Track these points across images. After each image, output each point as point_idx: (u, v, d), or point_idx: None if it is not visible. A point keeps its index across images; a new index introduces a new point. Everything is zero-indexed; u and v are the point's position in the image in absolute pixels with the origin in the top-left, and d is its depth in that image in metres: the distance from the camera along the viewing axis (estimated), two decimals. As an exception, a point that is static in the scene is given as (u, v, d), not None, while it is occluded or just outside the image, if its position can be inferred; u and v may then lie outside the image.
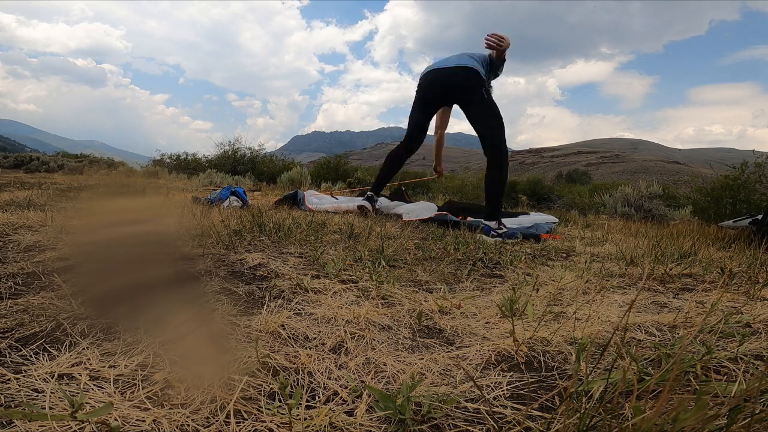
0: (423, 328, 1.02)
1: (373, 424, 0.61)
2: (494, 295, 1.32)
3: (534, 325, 1.01)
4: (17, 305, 0.96)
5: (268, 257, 1.60)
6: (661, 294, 1.43)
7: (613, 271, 1.78)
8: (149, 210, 0.80)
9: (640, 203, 6.81)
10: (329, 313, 1.04)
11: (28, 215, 2.06)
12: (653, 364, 0.81)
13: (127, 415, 0.59)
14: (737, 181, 5.83)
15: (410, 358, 0.84)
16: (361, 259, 1.67)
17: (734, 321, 1.04)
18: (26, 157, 13.31)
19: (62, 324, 0.87)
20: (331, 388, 0.70)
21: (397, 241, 2.10)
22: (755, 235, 2.89)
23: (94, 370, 0.71)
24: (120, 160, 16.33)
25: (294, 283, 1.27)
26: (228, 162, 12.20)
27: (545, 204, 11.14)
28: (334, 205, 3.74)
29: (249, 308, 1.05)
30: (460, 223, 3.08)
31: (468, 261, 1.85)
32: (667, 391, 0.43)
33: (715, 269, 1.80)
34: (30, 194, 3.00)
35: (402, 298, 1.22)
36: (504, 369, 0.82)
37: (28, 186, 4.41)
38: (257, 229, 2.06)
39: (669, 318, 1.11)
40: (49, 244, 1.53)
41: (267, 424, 0.59)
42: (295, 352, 0.83)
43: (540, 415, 0.64)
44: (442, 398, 0.65)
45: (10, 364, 0.71)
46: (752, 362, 0.81)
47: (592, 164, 71.06)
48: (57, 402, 0.61)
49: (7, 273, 1.18)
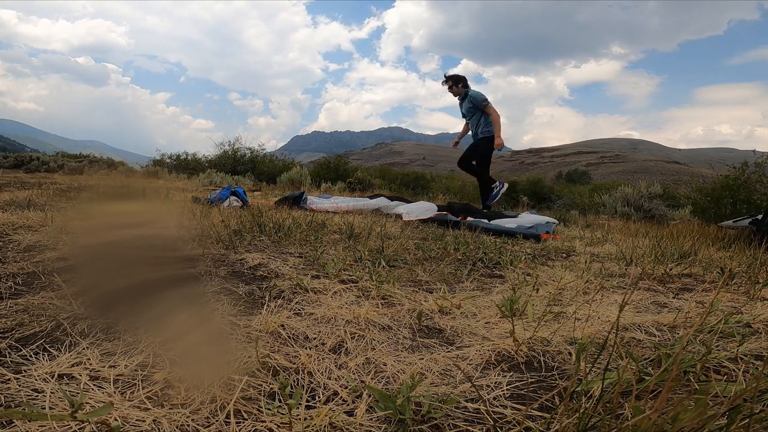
0: (423, 328, 1.02)
1: (373, 424, 0.61)
2: (494, 295, 1.32)
3: (534, 325, 1.01)
4: (17, 305, 0.96)
5: (268, 257, 1.60)
6: (661, 294, 1.43)
7: (613, 271, 1.78)
8: (149, 213, 0.80)
9: (640, 203, 6.81)
10: (329, 313, 1.04)
11: (28, 215, 2.06)
12: (653, 364, 0.81)
13: (127, 415, 0.59)
14: (737, 181, 5.83)
15: (410, 358, 0.84)
16: (361, 259, 1.67)
17: (734, 321, 1.04)
18: (26, 157, 13.31)
19: (62, 324, 0.87)
20: (331, 388, 0.70)
21: (397, 241, 2.10)
22: (755, 235, 2.89)
23: (94, 370, 0.71)
24: (120, 160, 16.32)
25: (294, 283, 1.27)
26: (228, 162, 12.20)
27: (545, 204, 11.13)
28: (335, 204, 3.74)
29: (249, 308, 1.05)
30: (460, 223, 3.08)
31: (468, 261, 1.85)
32: (666, 391, 0.43)
33: (715, 269, 1.80)
34: (30, 194, 3.00)
35: (402, 298, 1.22)
36: (504, 369, 0.82)
37: (28, 186, 4.41)
38: (257, 229, 2.06)
39: (669, 318, 1.11)
40: (49, 244, 1.53)
41: (267, 424, 0.59)
42: (295, 352, 0.83)
43: (540, 415, 0.64)
44: (442, 398, 0.65)
45: (10, 364, 0.71)
46: (752, 362, 0.81)
47: (592, 164, 71.05)
48: (57, 402, 0.61)
49: (7, 273, 1.18)
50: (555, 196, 12.50)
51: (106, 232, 0.71)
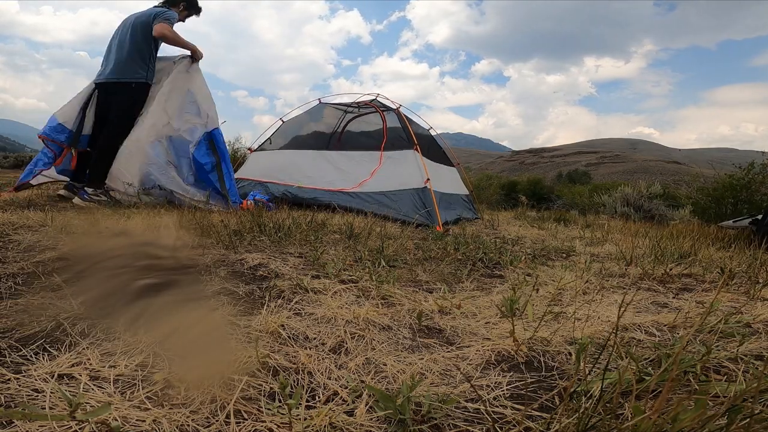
0: (423, 328, 1.02)
1: (373, 424, 0.61)
2: (494, 295, 1.32)
3: (534, 325, 1.01)
4: (17, 305, 0.96)
5: (268, 257, 1.60)
6: (661, 294, 1.43)
7: (613, 271, 1.78)
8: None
9: (640, 203, 6.81)
10: (329, 313, 1.04)
11: (28, 215, 2.06)
12: (653, 364, 0.81)
13: (127, 415, 0.59)
14: (741, 181, 5.83)
15: (410, 358, 0.84)
16: (361, 259, 1.67)
17: (734, 321, 1.04)
18: (26, 157, 13.34)
19: (62, 324, 0.87)
20: (331, 388, 0.70)
21: (397, 241, 2.10)
22: (755, 235, 2.89)
23: (94, 370, 0.71)
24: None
25: (294, 283, 1.27)
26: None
27: (545, 204, 11.13)
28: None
29: (249, 308, 1.05)
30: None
31: (468, 261, 1.85)
32: (666, 391, 0.43)
33: (715, 269, 1.80)
34: (30, 194, 3.00)
35: (402, 298, 1.22)
36: (504, 369, 0.82)
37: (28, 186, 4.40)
38: (257, 229, 2.06)
39: (669, 318, 1.11)
40: (49, 244, 1.53)
41: (267, 424, 0.59)
42: (295, 352, 0.83)
43: (540, 415, 0.64)
44: (442, 398, 0.65)
45: (10, 364, 0.71)
46: (752, 362, 0.81)
47: (592, 164, 71.04)
48: (57, 402, 0.61)
49: (7, 273, 1.18)
50: (555, 196, 12.50)
51: (107, 238, 0.72)
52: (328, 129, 4.67)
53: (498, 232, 3.32)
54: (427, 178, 3.41)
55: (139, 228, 1.78)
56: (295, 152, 4.35)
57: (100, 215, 2.25)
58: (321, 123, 4.73)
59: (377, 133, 4.04)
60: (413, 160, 3.62)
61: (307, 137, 4.63)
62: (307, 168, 3.95)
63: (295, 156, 4.26)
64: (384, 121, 4.04)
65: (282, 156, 4.37)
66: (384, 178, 3.57)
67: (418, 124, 4.44)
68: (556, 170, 54.88)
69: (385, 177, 3.57)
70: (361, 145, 4.13)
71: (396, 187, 3.46)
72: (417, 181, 3.45)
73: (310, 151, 4.21)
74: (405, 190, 3.42)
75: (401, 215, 3.16)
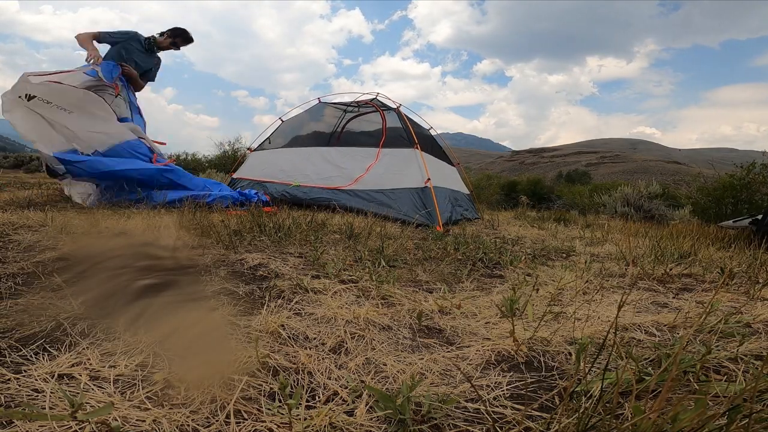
0: (423, 328, 1.02)
1: (373, 424, 0.61)
2: (494, 295, 1.32)
3: (534, 325, 1.01)
4: (17, 305, 0.96)
5: (268, 257, 1.60)
6: (661, 294, 1.43)
7: (612, 271, 1.78)
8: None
9: (640, 203, 6.81)
10: (329, 313, 1.04)
11: (28, 215, 2.06)
12: (653, 364, 0.81)
13: (127, 415, 0.59)
14: (742, 181, 5.82)
15: (410, 358, 0.84)
16: (361, 259, 1.67)
17: (734, 321, 1.04)
18: (26, 157, 13.34)
19: (62, 324, 0.87)
20: (331, 388, 0.70)
21: (397, 241, 2.10)
22: (755, 235, 2.89)
23: (94, 370, 0.71)
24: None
25: (294, 283, 1.27)
26: (228, 162, 12.23)
27: (545, 204, 11.13)
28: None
29: (249, 308, 1.05)
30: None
31: (468, 261, 1.85)
32: (666, 391, 0.43)
33: (715, 269, 1.80)
34: (30, 194, 3.00)
35: (402, 298, 1.22)
36: (504, 369, 0.82)
37: (28, 186, 4.40)
38: (257, 230, 2.06)
39: (669, 318, 1.11)
40: (49, 244, 1.53)
41: (267, 424, 0.59)
42: (295, 352, 0.83)
43: (540, 415, 0.64)
44: (442, 398, 0.65)
45: (10, 364, 0.71)
46: (752, 362, 0.82)
47: (592, 164, 71.11)
48: (57, 402, 0.61)
49: (7, 273, 1.18)
50: (555, 196, 12.49)
51: (108, 239, 0.72)
52: (328, 128, 4.67)
53: (498, 232, 3.32)
54: (427, 177, 3.41)
55: (139, 228, 1.79)
56: (294, 151, 4.35)
57: (100, 215, 2.25)
58: (321, 122, 4.73)
59: (377, 132, 4.05)
60: (414, 160, 3.61)
61: (306, 137, 4.63)
62: (305, 166, 3.95)
63: (294, 155, 4.26)
64: (384, 120, 4.04)
65: (281, 155, 4.37)
66: (381, 175, 3.56)
67: (418, 124, 4.44)
68: (556, 170, 54.91)
69: (383, 174, 3.57)
70: (361, 143, 4.14)
71: (395, 186, 3.46)
72: (417, 180, 3.45)
73: (309, 149, 4.22)
74: (405, 189, 3.42)
75: (401, 215, 3.16)
